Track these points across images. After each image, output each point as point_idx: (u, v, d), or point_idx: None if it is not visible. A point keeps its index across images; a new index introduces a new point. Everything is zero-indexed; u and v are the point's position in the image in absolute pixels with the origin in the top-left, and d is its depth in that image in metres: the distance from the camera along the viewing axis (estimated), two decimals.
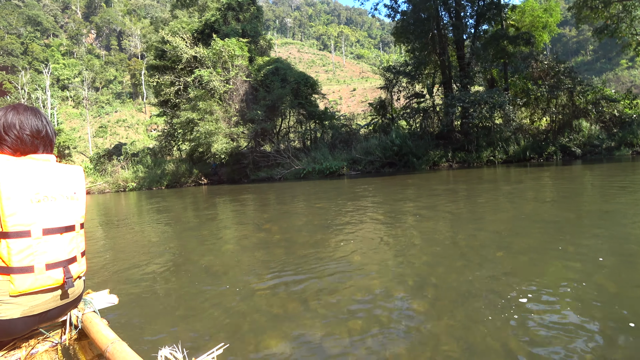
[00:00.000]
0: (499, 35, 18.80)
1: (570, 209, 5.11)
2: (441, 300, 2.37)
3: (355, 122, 22.17)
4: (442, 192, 8.43)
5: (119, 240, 5.65)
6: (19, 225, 1.17)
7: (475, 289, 2.49)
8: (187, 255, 4.19)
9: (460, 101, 15.70)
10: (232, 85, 18.37)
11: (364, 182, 12.60)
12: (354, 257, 3.51)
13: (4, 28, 70.53)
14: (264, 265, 3.50)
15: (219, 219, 7.38)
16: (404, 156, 16.15)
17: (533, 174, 11.10)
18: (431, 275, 2.86)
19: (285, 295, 2.67)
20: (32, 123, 1.33)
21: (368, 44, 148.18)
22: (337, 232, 4.74)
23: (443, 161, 16.88)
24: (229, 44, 18.47)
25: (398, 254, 3.54)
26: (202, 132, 16.72)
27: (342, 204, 7.67)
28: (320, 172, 15.71)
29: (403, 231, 4.56)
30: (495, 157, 17.09)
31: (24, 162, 1.24)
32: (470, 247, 3.60)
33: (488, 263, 3.04)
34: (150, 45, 24.55)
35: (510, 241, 3.65)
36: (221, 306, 2.51)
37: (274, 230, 5.32)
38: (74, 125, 59.01)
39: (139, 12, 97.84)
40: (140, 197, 16.13)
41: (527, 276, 2.67)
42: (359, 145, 17.05)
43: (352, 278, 2.92)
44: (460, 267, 3.00)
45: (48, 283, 1.24)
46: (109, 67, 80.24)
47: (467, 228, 4.42)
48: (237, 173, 19.26)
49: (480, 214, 5.28)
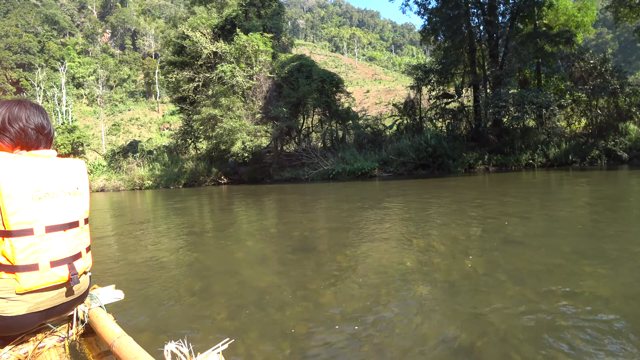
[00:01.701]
0: (538, 33, 17.78)
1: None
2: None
3: (381, 123, 21.24)
4: (499, 198, 7.48)
5: (128, 237, 5.43)
6: (22, 224, 1.16)
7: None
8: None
9: (503, 101, 14.67)
10: (255, 82, 17.62)
11: (399, 184, 11.68)
12: (419, 290, 2.63)
13: (22, 26, 71.48)
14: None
15: (242, 221, 6.57)
16: (438, 158, 15.19)
17: (589, 179, 10.09)
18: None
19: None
20: (37, 118, 1.33)
21: (380, 46, 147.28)
22: (399, 247, 3.87)
23: (479, 164, 15.89)
24: (252, 39, 17.74)
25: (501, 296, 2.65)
26: (227, 128, 15.88)
27: (391, 210, 6.79)
28: (351, 173, 14.81)
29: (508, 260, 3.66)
30: (534, 160, 16.05)
31: (24, 159, 1.22)
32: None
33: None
34: (168, 40, 24.00)
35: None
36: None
37: (301, 236, 4.49)
38: (88, 123, 59.36)
39: (154, 12, 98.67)
40: (158, 196, 15.43)
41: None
42: (390, 145, 16.12)
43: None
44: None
45: (53, 280, 1.23)
46: (123, 65, 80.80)
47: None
48: (259, 172, 18.45)
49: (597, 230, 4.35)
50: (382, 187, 11.44)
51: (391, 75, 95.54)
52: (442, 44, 20.69)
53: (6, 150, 1.27)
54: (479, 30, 19.80)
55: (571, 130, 19.06)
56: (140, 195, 16.95)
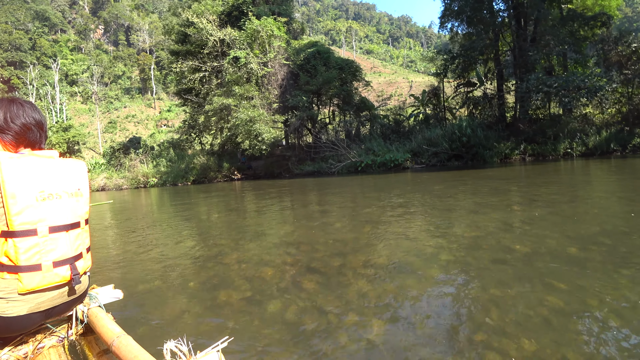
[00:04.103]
0: (574, 15, 16.62)
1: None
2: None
3: (400, 114, 20.04)
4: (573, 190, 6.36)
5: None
6: (25, 224, 1.15)
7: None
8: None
9: (547, 86, 13.52)
10: (270, 69, 16.29)
11: (440, 177, 10.53)
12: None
13: (11, 23, 69.23)
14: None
15: (258, 223, 5.41)
16: (472, 148, 14.07)
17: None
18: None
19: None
20: (35, 114, 1.31)
21: (377, 39, 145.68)
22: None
23: (515, 153, 14.81)
24: (266, 24, 16.42)
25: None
26: (243, 118, 14.53)
27: (463, 211, 5.65)
28: (382, 165, 13.63)
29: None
30: (572, 149, 15.00)
31: (28, 159, 1.19)
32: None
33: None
34: (170, 29, 22.51)
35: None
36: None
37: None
38: (83, 121, 57.68)
39: (147, 7, 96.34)
40: (166, 194, 14.16)
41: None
42: (420, 135, 14.95)
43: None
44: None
45: (55, 280, 1.21)
46: (117, 62, 78.76)
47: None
48: (276, 166, 17.16)
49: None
50: (424, 179, 10.29)
51: (390, 68, 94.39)
52: (465, 29, 19.48)
53: (9, 149, 1.25)
54: (505, 14, 18.60)
55: (604, 118, 18.04)
56: (146, 194, 15.66)
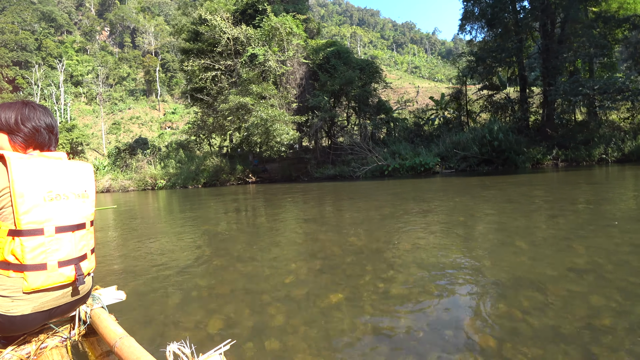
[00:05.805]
0: (605, 17, 15.99)
1: None
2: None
3: (420, 117, 19.31)
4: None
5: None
6: (33, 224, 1.16)
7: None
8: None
9: (587, 88, 12.81)
10: (289, 67, 15.60)
11: (474, 182, 9.76)
12: None
13: (18, 24, 69.16)
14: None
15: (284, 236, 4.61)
16: (503, 152, 13.32)
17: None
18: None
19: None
20: (46, 118, 1.32)
21: (381, 45, 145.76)
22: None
23: (547, 159, 14.06)
24: (284, 21, 15.77)
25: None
26: (263, 117, 13.76)
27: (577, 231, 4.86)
28: (411, 169, 12.86)
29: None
30: (607, 154, 14.27)
31: (37, 160, 1.21)
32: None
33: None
34: (181, 27, 21.92)
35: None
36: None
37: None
38: (87, 122, 57.20)
39: (153, 10, 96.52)
40: (174, 197, 13.38)
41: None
42: (447, 139, 14.20)
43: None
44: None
45: (60, 280, 1.23)
46: (122, 63, 78.55)
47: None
48: (293, 169, 16.36)
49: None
50: (462, 186, 9.51)
51: (395, 74, 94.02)
52: (486, 32, 18.82)
53: (19, 151, 1.26)
54: (531, 16, 17.95)
55: (632, 123, 17.35)
56: (154, 197, 14.87)
